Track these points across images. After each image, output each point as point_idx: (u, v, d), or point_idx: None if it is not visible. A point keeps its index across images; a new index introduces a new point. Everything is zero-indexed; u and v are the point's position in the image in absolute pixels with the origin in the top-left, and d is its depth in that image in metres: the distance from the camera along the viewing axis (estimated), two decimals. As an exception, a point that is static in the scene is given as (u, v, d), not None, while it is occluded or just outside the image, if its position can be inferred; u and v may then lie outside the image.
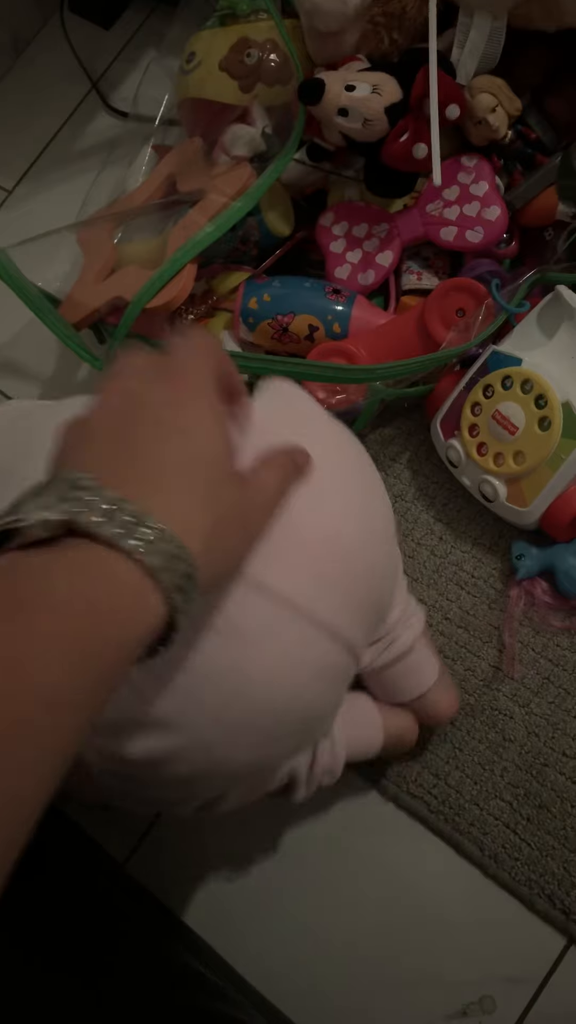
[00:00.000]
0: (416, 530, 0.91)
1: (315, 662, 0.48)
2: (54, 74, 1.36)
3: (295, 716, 0.49)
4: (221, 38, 0.99)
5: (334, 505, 0.50)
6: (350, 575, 0.49)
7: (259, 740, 0.48)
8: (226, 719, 0.46)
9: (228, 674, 0.45)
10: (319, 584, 0.47)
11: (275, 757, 0.52)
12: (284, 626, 0.46)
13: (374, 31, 0.90)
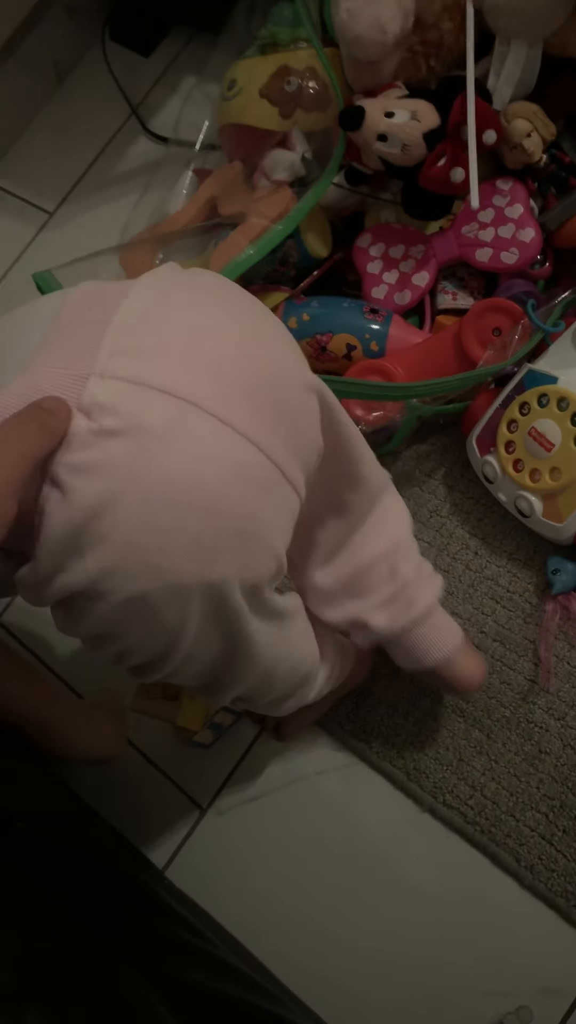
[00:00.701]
0: (451, 545, 0.92)
1: (227, 459, 0.50)
2: (95, 100, 1.39)
3: (223, 520, 0.50)
4: (262, 66, 1.02)
5: (226, 326, 0.54)
6: (247, 383, 0.52)
7: (194, 547, 0.49)
8: (155, 522, 0.47)
9: (142, 473, 0.47)
10: (216, 386, 0.50)
11: (223, 575, 0.52)
12: (189, 421, 0.48)
13: (412, 59, 0.93)
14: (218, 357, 0.51)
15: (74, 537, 0.47)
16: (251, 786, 0.92)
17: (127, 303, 0.52)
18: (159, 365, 0.49)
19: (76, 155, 1.37)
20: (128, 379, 0.48)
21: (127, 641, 0.52)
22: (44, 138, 1.41)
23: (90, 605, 0.49)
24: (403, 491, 0.95)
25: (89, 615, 0.50)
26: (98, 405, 0.47)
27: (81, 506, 0.47)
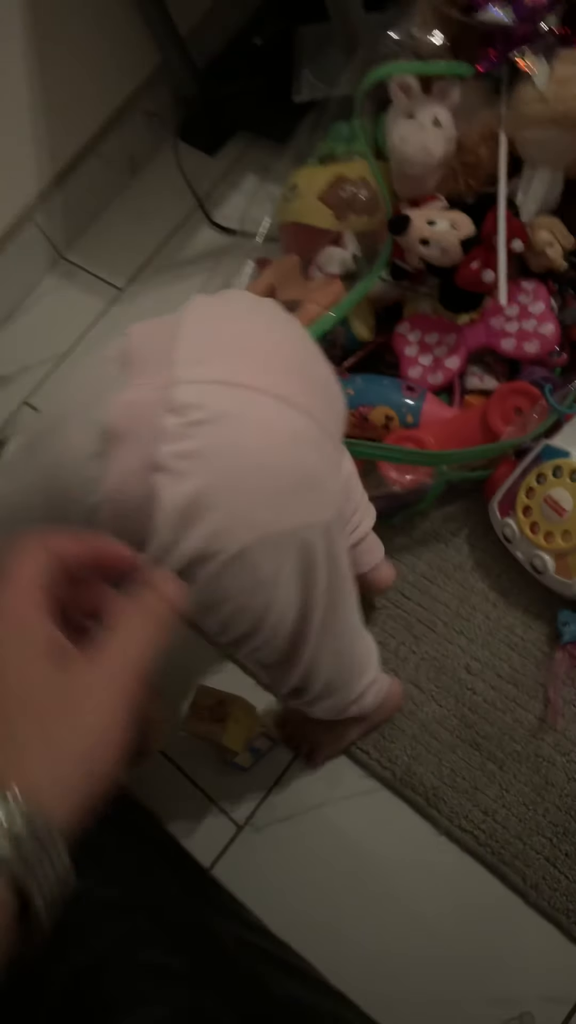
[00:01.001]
0: (472, 597, 1.04)
1: (287, 428, 0.63)
2: (165, 192, 1.56)
3: (292, 475, 0.63)
4: (321, 174, 1.18)
5: (261, 327, 0.68)
6: (288, 367, 0.66)
7: (276, 500, 0.62)
8: (244, 485, 0.60)
9: (230, 449, 0.60)
10: (268, 374, 0.63)
11: (300, 520, 0.65)
12: (255, 404, 0.61)
13: (452, 177, 1.08)
14: (263, 352, 0.65)
15: (186, 509, 0.60)
16: (284, 807, 1.02)
17: (184, 326, 0.64)
18: (222, 366, 0.62)
19: (146, 240, 1.53)
20: (202, 381, 0.61)
21: (233, 603, 0.64)
22: (118, 223, 1.58)
23: (202, 569, 0.61)
24: (430, 547, 1.08)
25: (201, 580, 0.62)
26: (185, 404, 0.59)
27: (188, 484, 0.59)
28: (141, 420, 0.60)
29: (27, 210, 1.48)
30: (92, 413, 0.62)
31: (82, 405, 0.66)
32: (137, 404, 0.61)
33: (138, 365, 0.63)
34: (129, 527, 0.59)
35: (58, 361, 1.47)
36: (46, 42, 1.36)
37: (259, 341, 0.66)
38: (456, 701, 0.99)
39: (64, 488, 0.64)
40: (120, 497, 0.60)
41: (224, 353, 0.63)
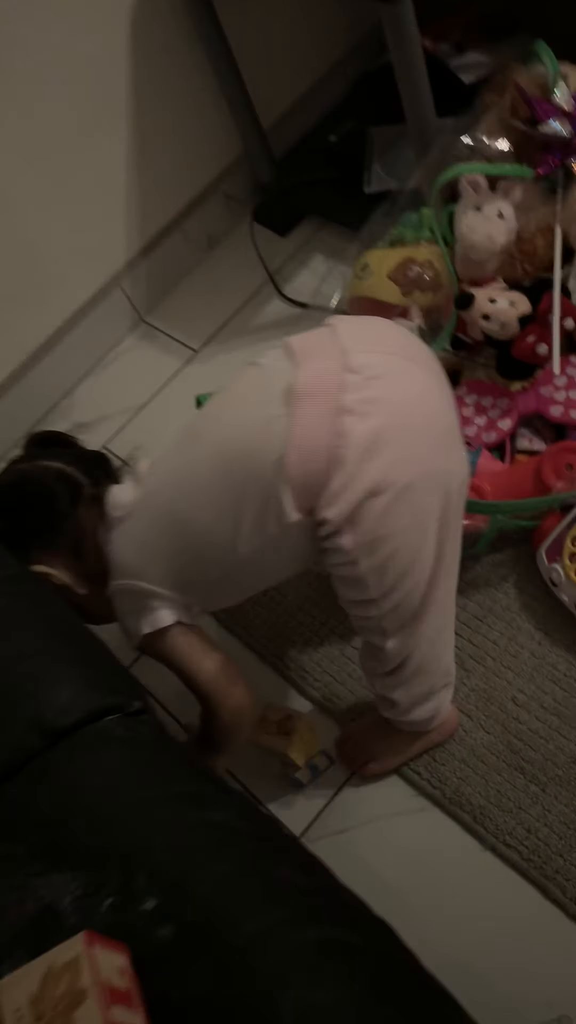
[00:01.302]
0: (520, 636, 1.13)
1: (433, 385, 0.84)
2: (239, 266, 1.72)
3: (444, 423, 0.83)
4: (391, 256, 1.32)
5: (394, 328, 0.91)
6: (423, 352, 0.87)
7: (434, 441, 0.81)
8: (412, 425, 0.79)
9: (400, 396, 0.79)
10: (411, 351, 0.85)
11: (449, 466, 0.83)
12: (410, 366, 0.83)
13: (511, 262, 1.22)
14: (400, 338, 0.87)
15: (370, 442, 0.76)
16: (338, 821, 1.10)
17: (338, 325, 0.84)
18: (377, 344, 0.82)
19: (220, 308, 1.68)
20: (367, 351, 0.79)
21: (394, 542, 0.78)
22: (195, 292, 1.74)
23: (375, 502, 0.76)
24: (480, 590, 1.18)
25: (371, 514, 0.77)
26: (361, 365, 0.77)
27: (372, 422, 0.76)
28: (325, 380, 0.77)
29: (116, 276, 1.64)
30: (268, 387, 0.80)
31: (252, 387, 0.85)
32: (319, 370, 0.78)
33: (306, 352, 0.81)
34: (313, 468, 0.76)
35: (135, 412, 1.60)
36: (145, 132, 1.53)
37: (395, 333, 0.87)
38: (503, 729, 1.08)
39: (244, 452, 0.80)
40: (306, 443, 0.76)
41: (374, 338, 0.83)
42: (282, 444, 0.77)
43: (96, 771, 0.63)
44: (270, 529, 0.82)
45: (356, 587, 0.84)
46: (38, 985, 0.48)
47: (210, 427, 0.89)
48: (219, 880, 0.55)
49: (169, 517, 0.89)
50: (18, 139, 1.36)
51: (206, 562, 0.88)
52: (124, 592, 0.91)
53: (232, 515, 0.83)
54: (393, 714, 1.00)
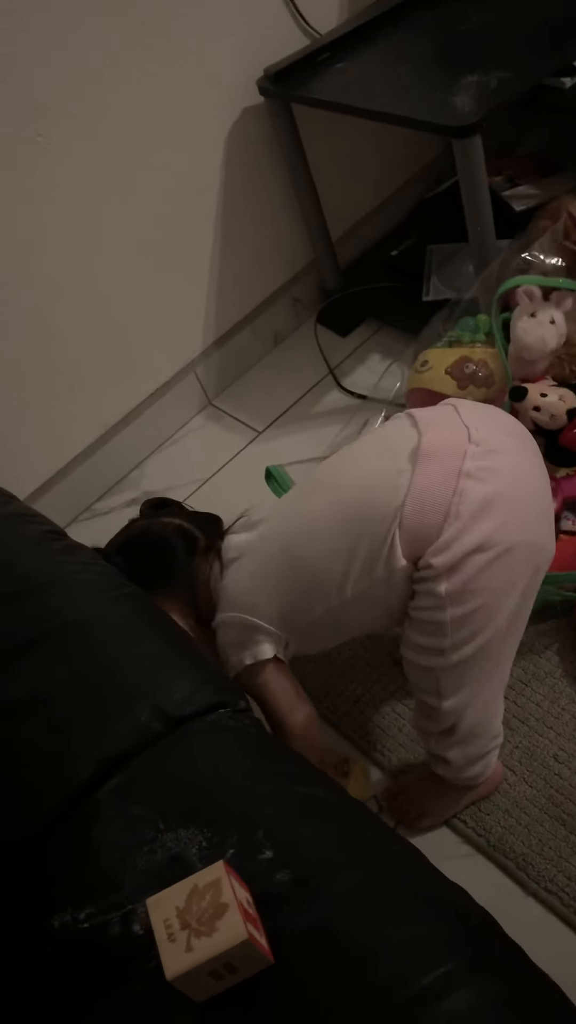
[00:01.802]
0: (562, 699, 1.22)
1: (538, 468, 0.96)
2: (301, 361, 1.89)
3: (543, 503, 0.94)
4: (449, 354, 1.47)
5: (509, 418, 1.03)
6: (530, 441, 0.99)
7: (537, 516, 0.92)
8: (521, 497, 0.90)
9: (514, 471, 0.91)
10: (521, 437, 0.98)
11: (545, 541, 0.94)
12: (523, 449, 0.96)
13: (560, 363, 1.36)
14: (510, 423, 1.00)
15: (483, 505, 0.87)
16: (386, 865, 1.16)
17: (462, 409, 0.96)
18: (495, 426, 0.94)
19: (283, 396, 1.83)
20: (487, 430, 0.91)
21: (483, 597, 0.88)
22: (260, 381, 1.90)
23: (477, 557, 0.87)
24: (525, 657, 1.27)
25: (471, 568, 0.87)
26: (481, 439, 0.90)
27: (488, 487, 0.88)
28: (451, 446, 0.90)
29: (191, 363, 1.81)
30: (396, 446, 0.93)
31: (378, 446, 0.98)
32: (445, 439, 0.91)
33: (432, 423, 0.94)
34: (428, 519, 0.87)
35: (199, 485, 1.73)
36: (228, 238, 1.72)
37: (508, 419, 1.00)
38: (545, 783, 1.15)
39: (367, 500, 0.92)
40: (426, 496, 0.88)
41: (491, 420, 0.95)
42: (404, 495, 0.89)
43: (212, 751, 0.72)
44: (378, 572, 0.93)
45: (433, 633, 0.93)
46: (184, 900, 0.57)
47: (333, 477, 1.00)
48: (325, 837, 0.64)
49: (284, 555, 0.99)
50: (123, 235, 1.54)
51: (313, 600, 0.97)
52: (231, 624, 1.01)
53: (346, 557, 0.94)
54: (446, 771, 1.07)
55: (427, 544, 0.89)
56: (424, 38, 1.55)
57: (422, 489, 0.89)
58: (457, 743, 1.01)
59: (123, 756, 0.73)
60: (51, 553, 0.93)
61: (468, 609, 0.90)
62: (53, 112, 1.35)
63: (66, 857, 0.67)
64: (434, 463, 0.90)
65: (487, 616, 0.91)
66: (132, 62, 1.41)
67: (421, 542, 0.89)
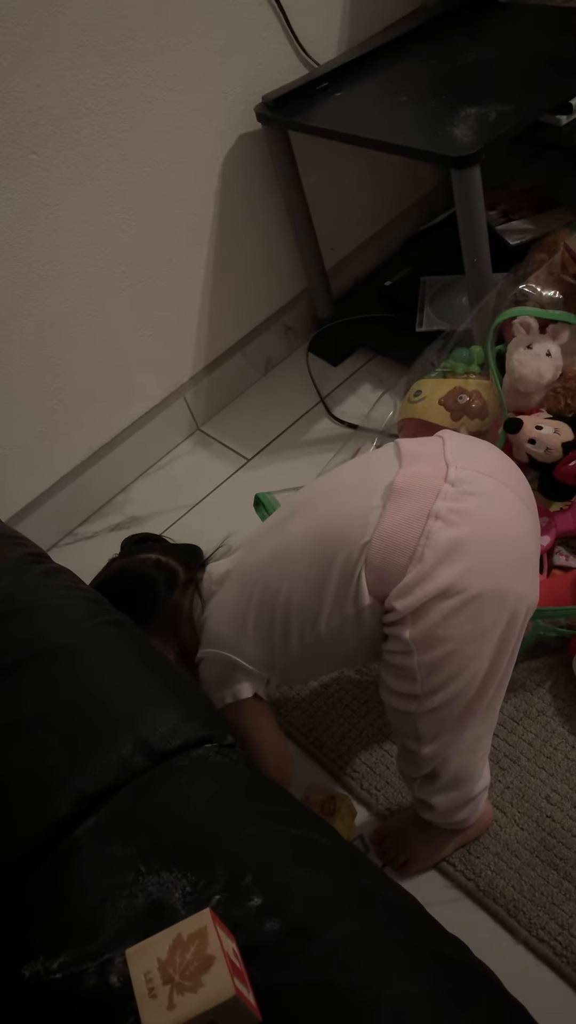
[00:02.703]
0: (554, 738, 1.19)
1: (521, 513, 0.89)
2: (292, 388, 1.87)
3: (522, 549, 0.88)
4: (443, 385, 1.46)
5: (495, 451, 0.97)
6: (518, 478, 0.93)
7: (511, 563, 0.86)
8: (492, 543, 0.84)
9: (487, 515, 0.85)
10: (508, 477, 0.91)
11: (520, 589, 0.87)
12: (503, 491, 0.88)
13: (555, 396, 1.35)
14: (499, 461, 0.94)
15: (450, 548, 0.82)
16: (372, 909, 1.12)
17: (447, 440, 0.92)
18: (482, 465, 0.89)
19: (272, 423, 1.81)
20: (468, 468, 0.87)
21: (451, 645, 0.83)
22: (250, 408, 1.87)
23: (443, 604, 0.82)
24: (516, 695, 1.24)
25: (435, 615, 0.82)
26: (459, 479, 0.85)
27: (456, 531, 0.83)
28: (423, 484, 0.85)
29: (180, 388, 1.78)
30: (373, 480, 0.88)
31: (357, 477, 0.94)
32: (421, 475, 0.86)
33: (413, 456, 0.89)
34: (393, 559, 0.83)
35: (186, 511, 1.70)
36: (222, 264, 1.71)
37: (498, 458, 0.94)
38: (537, 826, 1.12)
39: (338, 535, 0.87)
40: (392, 535, 0.83)
41: (477, 458, 0.90)
42: (371, 532, 0.85)
43: (198, 788, 0.68)
44: (348, 610, 0.89)
45: (405, 679, 0.88)
46: (167, 951, 0.53)
47: (309, 508, 0.96)
48: (318, 883, 0.60)
49: (258, 585, 0.96)
50: (115, 258, 1.52)
51: (290, 635, 0.94)
52: (212, 661, 0.99)
53: (318, 591, 0.90)
54: (432, 816, 1.04)
55: (392, 585, 0.85)
56: (423, 70, 1.56)
57: (390, 528, 0.84)
58: (441, 789, 0.98)
59: (104, 792, 0.69)
60: (33, 576, 0.90)
61: (436, 656, 0.85)
62: (48, 132, 1.33)
63: (39, 900, 0.63)
64: (405, 501, 0.85)
65: (458, 664, 0.86)
66: (130, 87, 1.40)
67: (384, 582, 0.85)
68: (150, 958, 0.53)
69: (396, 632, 0.86)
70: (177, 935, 0.53)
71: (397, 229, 2.01)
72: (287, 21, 1.56)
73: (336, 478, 0.99)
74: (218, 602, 1.00)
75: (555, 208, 1.77)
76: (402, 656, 0.87)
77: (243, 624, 0.96)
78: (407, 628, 0.85)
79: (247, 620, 0.96)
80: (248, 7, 1.50)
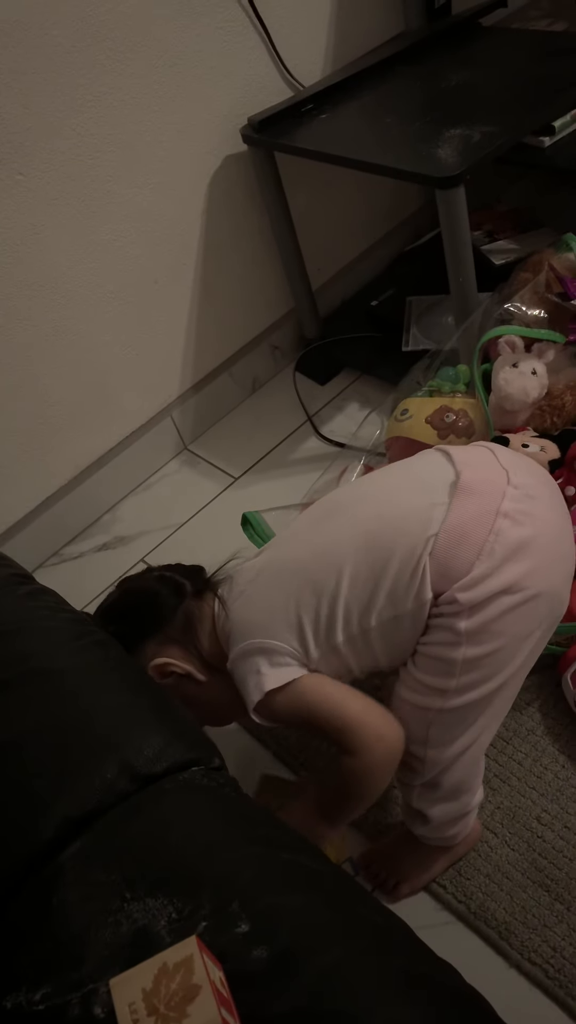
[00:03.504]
0: (544, 758, 1.18)
1: (568, 522, 0.94)
2: (279, 407, 1.87)
3: (571, 554, 0.92)
4: (429, 403, 1.46)
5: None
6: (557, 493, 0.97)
7: (565, 567, 0.91)
8: (552, 545, 0.89)
9: (547, 518, 0.90)
10: (553, 488, 0.96)
11: (564, 591, 0.92)
12: (551, 497, 0.94)
13: (540, 414, 1.35)
14: (545, 477, 0.98)
15: (517, 547, 0.85)
16: (362, 933, 1.10)
17: (499, 453, 0.96)
18: (532, 475, 0.94)
19: (260, 442, 1.81)
20: (525, 475, 0.90)
21: (502, 640, 0.86)
22: (237, 427, 1.87)
23: (504, 599, 0.85)
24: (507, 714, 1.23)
25: (495, 609, 0.85)
26: (521, 484, 0.89)
27: (523, 530, 0.86)
28: (489, 485, 0.89)
29: (167, 407, 1.78)
30: (431, 480, 0.92)
31: (410, 478, 0.98)
32: (485, 478, 0.90)
33: (469, 462, 0.93)
34: (460, 554, 0.86)
35: (174, 530, 1.70)
36: (208, 284, 1.71)
37: (534, 467, 0.98)
38: (528, 847, 1.11)
39: (398, 529, 0.89)
40: (460, 528, 0.86)
41: (525, 468, 0.94)
42: (439, 526, 0.87)
43: (184, 812, 0.67)
44: (406, 604, 0.90)
45: (441, 672, 0.90)
46: (152, 981, 0.52)
47: (354, 507, 0.97)
48: (307, 910, 0.59)
49: (299, 577, 0.93)
50: (101, 280, 1.52)
51: (334, 626, 0.92)
52: (248, 652, 0.93)
53: (372, 583, 0.90)
54: (424, 831, 1.03)
55: (455, 579, 0.87)
56: (407, 93, 1.57)
57: (458, 522, 0.87)
58: (440, 799, 0.98)
59: (88, 816, 0.68)
60: (17, 597, 0.89)
61: (483, 651, 0.87)
62: (34, 153, 1.33)
63: (22, 928, 0.62)
64: (472, 499, 0.88)
65: (499, 662, 0.89)
66: (116, 108, 1.40)
67: (449, 576, 0.87)
68: (135, 988, 0.51)
69: (448, 623, 0.88)
70: (162, 964, 0.52)
71: (383, 249, 2.02)
72: (272, 44, 1.57)
73: (383, 481, 1.02)
74: (247, 599, 0.96)
75: (539, 228, 1.78)
76: (447, 648, 0.88)
77: (284, 612, 0.93)
78: (463, 620, 0.87)
79: (288, 608, 0.93)
80: (234, 30, 1.51)
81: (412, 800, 1.01)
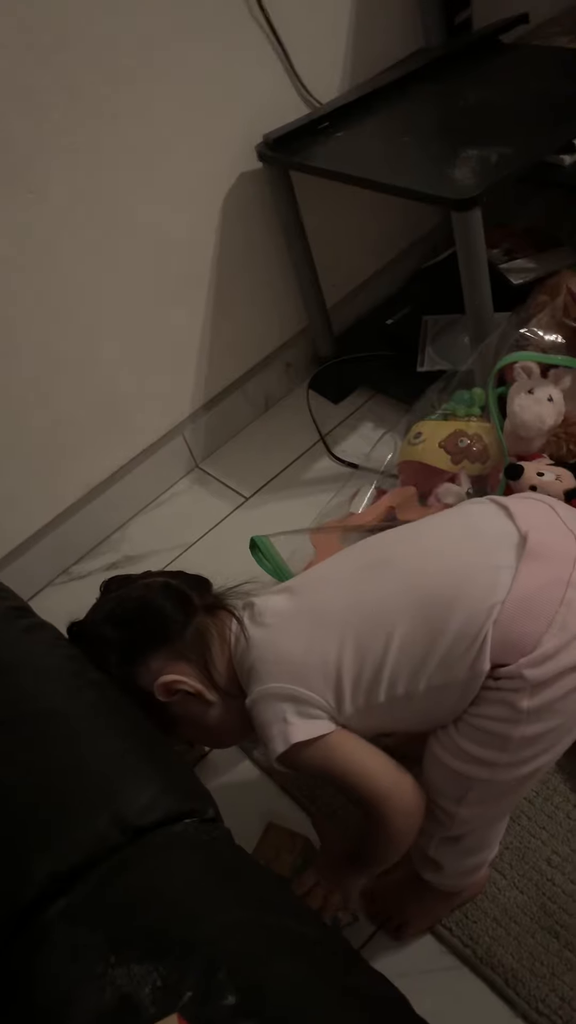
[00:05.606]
0: (555, 797, 1.15)
1: None
2: (292, 426, 1.84)
3: None
4: (443, 427, 1.43)
5: None
6: None
7: None
8: None
9: None
10: None
11: None
12: None
13: (556, 442, 1.32)
14: None
15: None
16: (364, 975, 1.08)
17: (559, 509, 0.89)
18: None
19: (272, 461, 1.79)
20: None
21: (561, 719, 0.81)
22: (249, 446, 1.85)
23: (569, 677, 0.79)
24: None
25: (561, 688, 0.79)
26: None
27: None
28: (561, 551, 0.82)
29: (179, 425, 1.76)
30: (486, 539, 0.85)
31: (467, 533, 0.90)
32: (554, 542, 0.83)
33: (529, 519, 0.86)
34: (527, 627, 0.79)
35: (183, 549, 1.68)
36: (222, 302, 1.69)
37: None
38: (537, 890, 1.08)
39: (457, 593, 0.82)
40: (528, 599, 0.80)
41: None
42: (505, 594, 0.80)
43: (175, 869, 0.65)
44: (460, 672, 0.83)
45: (493, 746, 0.83)
46: (131, 1062, 0.49)
47: (408, 559, 0.91)
48: (296, 983, 0.57)
49: (345, 636, 0.87)
50: (114, 296, 1.51)
51: (378, 686, 0.87)
52: (274, 695, 0.88)
53: (425, 650, 0.84)
54: (435, 877, 0.99)
55: (520, 652, 0.79)
56: (425, 112, 1.55)
57: (527, 591, 0.80)
58: (460, 853, 0.94)
59: (76, 870, 0.66)
60: (15, 632, 0.87)
61: (541, 729, 0.81)
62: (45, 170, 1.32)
63: (4, 991, 0.60)
64: (542, 566, 0.81)
65: (555, 739, 0.83)
66: (131, 126, 1.39)
67: (513, 648, 0.80)
68: (112, 1069, 0.49)
69: (508, 698, 0.81)
70: (142, 1044, 0.50)
71: (399, 267, 1.99)
72: (289, 60, 1.55)
73: (434, 532, 0.95)
74: (277, 634, 0.91)
75: (557, 247, 1.75)
76: (503, 724, 0.82)
77: (317, 666, 0.87)
78: (526, 697, 0.80)
79: (324, 664, 0.87)
80: (251, 46, 1.49)
81: (429, 849, 0.96)
